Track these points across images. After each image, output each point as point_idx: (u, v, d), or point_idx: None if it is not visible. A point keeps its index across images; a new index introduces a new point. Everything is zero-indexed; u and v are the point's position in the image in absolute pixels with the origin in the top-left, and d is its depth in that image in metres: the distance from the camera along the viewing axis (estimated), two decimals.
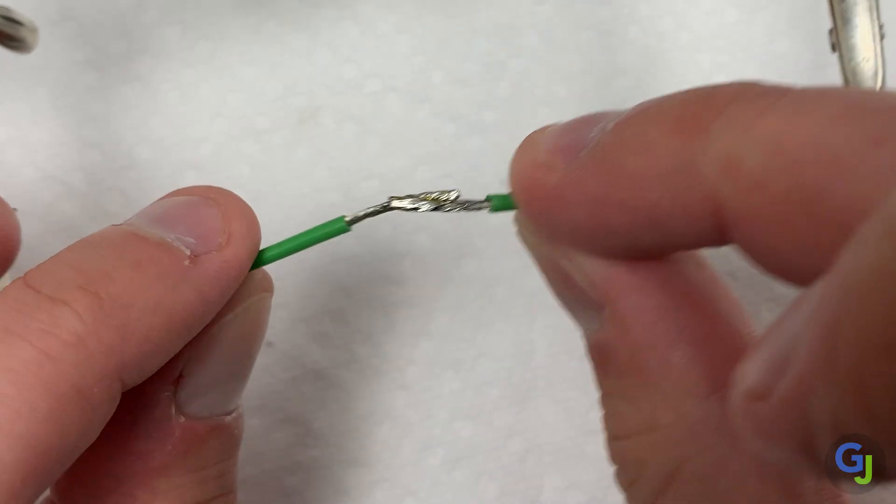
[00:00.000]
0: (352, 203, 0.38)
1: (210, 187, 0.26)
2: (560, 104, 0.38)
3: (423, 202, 0.26)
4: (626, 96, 0.38)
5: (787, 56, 0.38)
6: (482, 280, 0.38)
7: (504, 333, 0.38)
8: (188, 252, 0.24)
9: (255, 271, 0.26)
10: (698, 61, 0.38)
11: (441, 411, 0.37)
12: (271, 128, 0.39)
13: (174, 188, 0.38)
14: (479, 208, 0.26)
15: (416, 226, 0.38)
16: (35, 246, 0.38)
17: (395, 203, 0.26)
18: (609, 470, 0.37)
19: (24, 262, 0.35)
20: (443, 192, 0.26)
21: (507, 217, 0.38)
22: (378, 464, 0.37)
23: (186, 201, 0.26)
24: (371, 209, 0.26)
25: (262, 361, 0.37)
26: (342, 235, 0.36)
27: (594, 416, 0.37)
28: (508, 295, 0.38)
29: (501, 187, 0.38)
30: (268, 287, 0.27)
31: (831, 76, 0.38)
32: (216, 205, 0.25)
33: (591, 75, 0.38)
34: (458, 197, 0.26)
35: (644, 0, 0.39)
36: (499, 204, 0.26)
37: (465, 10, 0.39)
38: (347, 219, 0.26)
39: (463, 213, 0.27)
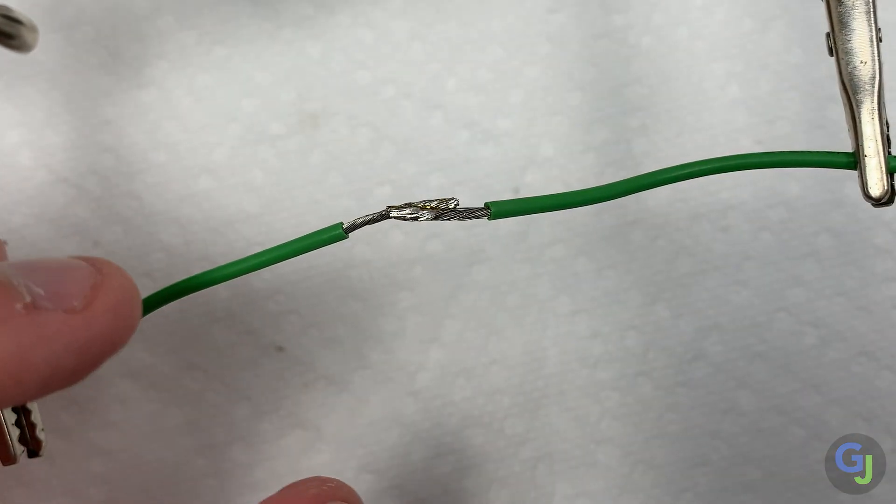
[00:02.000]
0: (365, 209, 0.38)
1: (106, 261, 0.25)
2: (573, 112, 0.39)
3: (423, 211, 0.26)
4: (640, 105, 0.39)
5: (801, 66, 0.39)
6: (494, 287, 0.38)
7: (516, 341, 0.38)
8: (28, 299, 0.22)
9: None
10: (713, 70, 0.39)
11: (452, 418, 0.37)
12: (285, 133, 0.39)
13: (188, 192, 0.39)
14: (479, 216, 0.26)
15: (428, 232, 0.38)
16: (48, 250, 0.38)
17: (393, 213, 0.26)
18: (620, 479, 0.37)
19: None
20: (442, 201, 0.26)
21: (519, 224, 0.38)
22: (388, 471, 0.37)
23: (66, 260, 0.24)
24: (368, 217, 0.26)
25: (274, 366, 0.38)
26: (352, 242, 0.37)
27: (605, 424, 0.37)
28: (520, 302, 0.38)
29: (515, 195, 0.39)
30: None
31: None
32: (94, 273, 0.24)
33: (604, 84, 0.39)
34: (457, 205, 0.26)
35: (658, 9, 0.39)
36: (498, 211, 0.26)
37: (479, 17, 0.39)
38: (345, 226, 0.26)
39: (470, 221, 0.27)
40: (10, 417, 0.29)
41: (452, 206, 0.26)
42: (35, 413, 0.29)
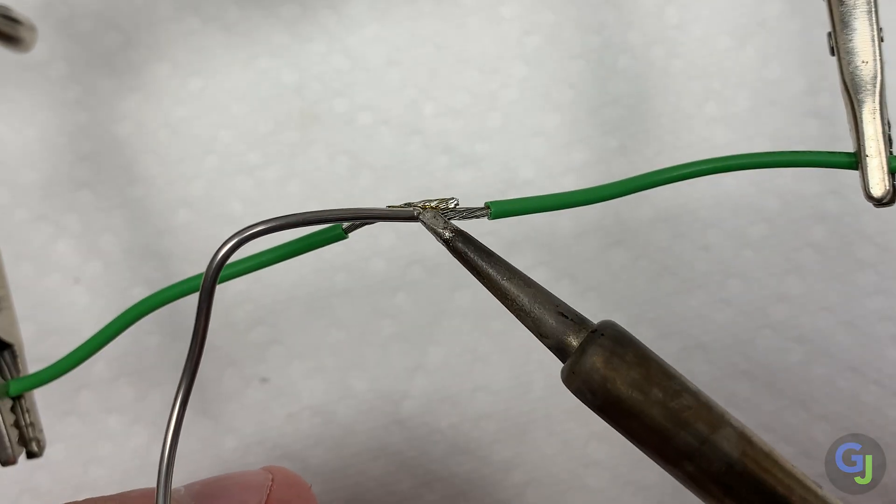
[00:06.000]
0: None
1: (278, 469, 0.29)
2: (552, 134, 0.39)
3: (423, 211, 0.26)
4: (617, 125, 0.39)
5: (779, 82, 0.39)
6: (478, 312, 0.39)
7: (501, 366, 0.38)
8: None
9: None
10: (690, 89, 0.39)
11: (438, 446, 0.38)
12: (263, 163, 0.40)
13: (167, 226, 0.39)
14: (479, 216, 0.27)
15: (409, 259, 0.39)
16: (27, 287, 0.39)
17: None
18: (609, 501, 0.38)
19: (19, 301, 0.36)
20: (441, 200, 0.26)
21: (501, 248, 0.39)
22: (376, 501, 0.38)
23: (239, 477, 0.29)
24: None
25: (259, 398, 0.38)
26: (333, 270, 0.37)
27: (593, 448, 0.38)
28: (504, 327, 0.38)
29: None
30: None
31: (823, 101, 0.39)
32: (265, 484, 0.28)
33: (582, 105, 0.40)
34: (456, 205, 0.26)
35: (634, 29, 0.40)
36: (498, 210, 0.27)
37: (454, 41, 0.40)
38: (345, 226, 0.27)
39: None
40: (10, 418, 0.29)
41: (452, 205, 0.26)
42: (35, 413, 0.30)
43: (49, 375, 0.29)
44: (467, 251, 0.25)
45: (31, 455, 0.30)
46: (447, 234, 0.25)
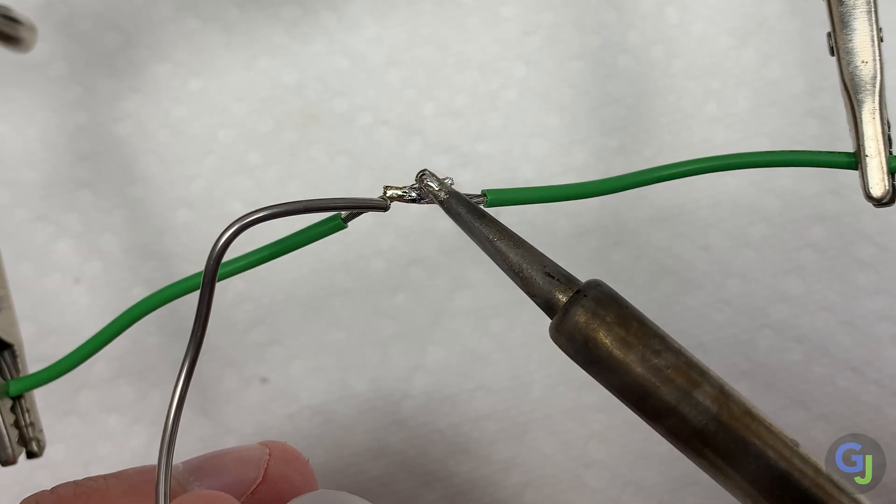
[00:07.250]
0: (347, 237, 0.38)
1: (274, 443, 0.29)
2: (552, 134, 0.39)
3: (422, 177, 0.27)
4: (617, 125, 0.39)
5: (779, 82, 0.39)
6: (477, 312, 0.39)
7: (501, 366, 0.38)
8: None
9: None
10: (690, 89, 0.40)
11: (438, 446, 0.38)
12: (263, 163, 0.40)
13: (168, 226, 0.39)
14: (476, 203, 0.27)
15: (409, 259, 0.39)
16: (27, 287, 0.39)
17: (389, 192, 0.27)
18: (609, 501, 0.38)
19: (19, 301, 0.36)
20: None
21: None
22: (375, 501, 0.38)
23: (235, 452, 0.29)
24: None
25: (259, 398, 0.38)
26: (334, 270, 0.37)
27: (592, 447, 0.38)
28: (505, 327, 0.39)
29: (495, 216, 0.39)
30: None
31: (823, 101, 0.39)
32: (261, 458, 0.28)
33: (582, 105, 0.40)
34: (451, 185, 0.26)
35: (634, 29, 0.40)
36: (494, 198, 0.27)
37: (454, 41, 0.40)
38: (343, 215, 0.27)
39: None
40: (10, 418, 0.29)
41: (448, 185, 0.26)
42: (35, 413, 0.30)
43: (49, 375, 0.29)
44: (461, 212, 0.26)
45: (31, 455, 0.30)
46: (443, 195, 0.26)
